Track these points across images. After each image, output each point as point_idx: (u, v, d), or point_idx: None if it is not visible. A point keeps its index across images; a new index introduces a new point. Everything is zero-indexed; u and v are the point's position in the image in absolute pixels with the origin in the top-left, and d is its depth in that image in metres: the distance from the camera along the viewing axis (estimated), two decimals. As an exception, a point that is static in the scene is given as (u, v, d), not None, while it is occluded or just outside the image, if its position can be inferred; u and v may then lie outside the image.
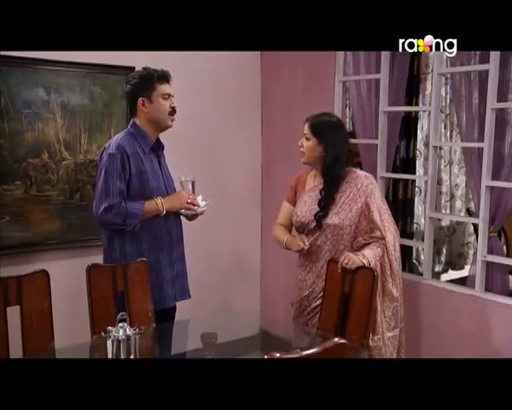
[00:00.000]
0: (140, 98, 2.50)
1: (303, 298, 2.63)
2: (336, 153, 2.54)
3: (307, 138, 2.58)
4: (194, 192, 2.62)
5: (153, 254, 2.51)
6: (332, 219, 2.53)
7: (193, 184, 2.63)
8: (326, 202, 2.55)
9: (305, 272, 2.63)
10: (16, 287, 2.20)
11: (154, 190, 2.50)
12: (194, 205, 2.58)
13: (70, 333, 2.33)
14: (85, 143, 3.18)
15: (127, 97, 2.59)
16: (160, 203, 2.49)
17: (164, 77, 2.52)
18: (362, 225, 2.54)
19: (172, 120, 2.55)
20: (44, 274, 2.26)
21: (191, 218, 2.65)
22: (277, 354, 1.42)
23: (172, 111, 2.53)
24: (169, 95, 2.52)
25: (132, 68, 3.27)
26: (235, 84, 3.75)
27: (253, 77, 3.88)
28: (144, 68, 2.55)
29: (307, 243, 2.53)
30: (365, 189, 2.55)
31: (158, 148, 2.60)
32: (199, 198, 2.62)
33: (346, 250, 2.52)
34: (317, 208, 2.56)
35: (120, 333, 1.83)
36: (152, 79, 2.49)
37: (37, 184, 3.04)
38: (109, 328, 1.86)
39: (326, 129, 2.58)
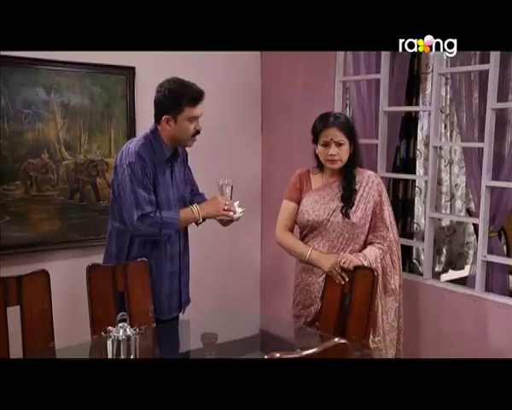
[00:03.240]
0: (165, 116, 2.38)
1: (313, 302, 2.56)
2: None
3: (341, 144, 2.47)
4: (231, 197, 2.52)
5: (155, 264, 2.47)
6: (350, 217, 2.50)
7: (231, 188, 2.52)
8: (349, 193, 2.50)
9: (316, 275, 2.56)
10: (16, 287, 2.20)
11: (163, 201, 2.43)
12: (230, 211, 2.49)
13: (70, 333, 2.32)
14: (85, 143, 3.18)
15: (154, 104, 2.44)
16: (196, 211, 2.44)
17: (195, 99, 2.38)
18: (372, 222, 2.54)
19: (194, 141, 2.47)
20: (44, 274, 2.27)
21: (226, 223, 2.57)
22: (277, 354, 1.42)
23: (196, 133, 2.44)
24: (195, 118, 2.41)
25: (132, 68, 3.29)
26: (235, 84, 3.74)
27: (253, 77, 3.88)
28: (179, 84, 2.39)
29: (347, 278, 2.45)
30: (376, 187, 2.55)
31: (173, 158, 2.51)
32: (236, 204, 2.52)
33: (356, 251, 2.51)
34: (330, 207, 2.52)
35: (120, 333, 1.83)
36: (182, 101, 2.36)
37: (37, 184, 3.04)
38: (109, 328, 1.86)
39: (353, 127, 2.57)
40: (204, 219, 2.51)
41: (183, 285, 2.59)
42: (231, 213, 2.50)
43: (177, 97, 2.37)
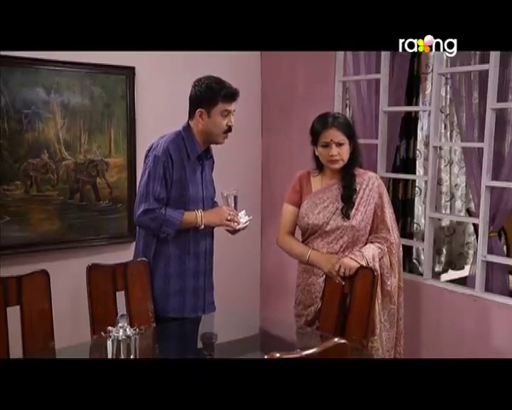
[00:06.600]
0: (199, 109, 2.43)
1: (314, 301, 2.56)
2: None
3: (341, 144, 2.46)
4: (236, 207, 2.54)
5: (178, 261, 2.47)
6: (349, 221, 2.50)
7: (235, 198, 2.54)
8: (349, 193, 2.49)
9: (316, 276, 2.55)
10: (16, 287, 2.20)
11: (190, 198, 2.45)
12: (234, 222, 2.50)
13: (70, 333, 2.33)
14: (85, 143, 3.18)
15: (189, 99, 2.49)
16: (199, 216, 2.44)
17: (230, 96, 2.44)
18: (374, 225, 2.54)
19: (225, 138, 2.50)
20: (44, 274, 2.27)
21: (232, 232, 2.58)
22: (277, 354, 1.42)
23: (228, 130, 2.48)
24: (228, 111, 2.45)
25: (132, 68, 3.29)
26: (235, 84, 3.73)
27: (253, 77, 3.88)
28: (216, 80, 2.47)
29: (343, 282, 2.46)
30: (377, 189, 2.55)
31: (204, 157, 2.54)
32: (241, 213, 2.54)
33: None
34: (330, 210, 2.51)
35: (120, 333, 1.83)
36: (217, 96, 2.42)
37: (37, 184, 3.04)
38: (109, 328, 1.86)
39: (352, 126, 2.57)
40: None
41: (207, 286, 2.58)
42: (234, 224, 2.51)
43: (213, 91, 2.43)
